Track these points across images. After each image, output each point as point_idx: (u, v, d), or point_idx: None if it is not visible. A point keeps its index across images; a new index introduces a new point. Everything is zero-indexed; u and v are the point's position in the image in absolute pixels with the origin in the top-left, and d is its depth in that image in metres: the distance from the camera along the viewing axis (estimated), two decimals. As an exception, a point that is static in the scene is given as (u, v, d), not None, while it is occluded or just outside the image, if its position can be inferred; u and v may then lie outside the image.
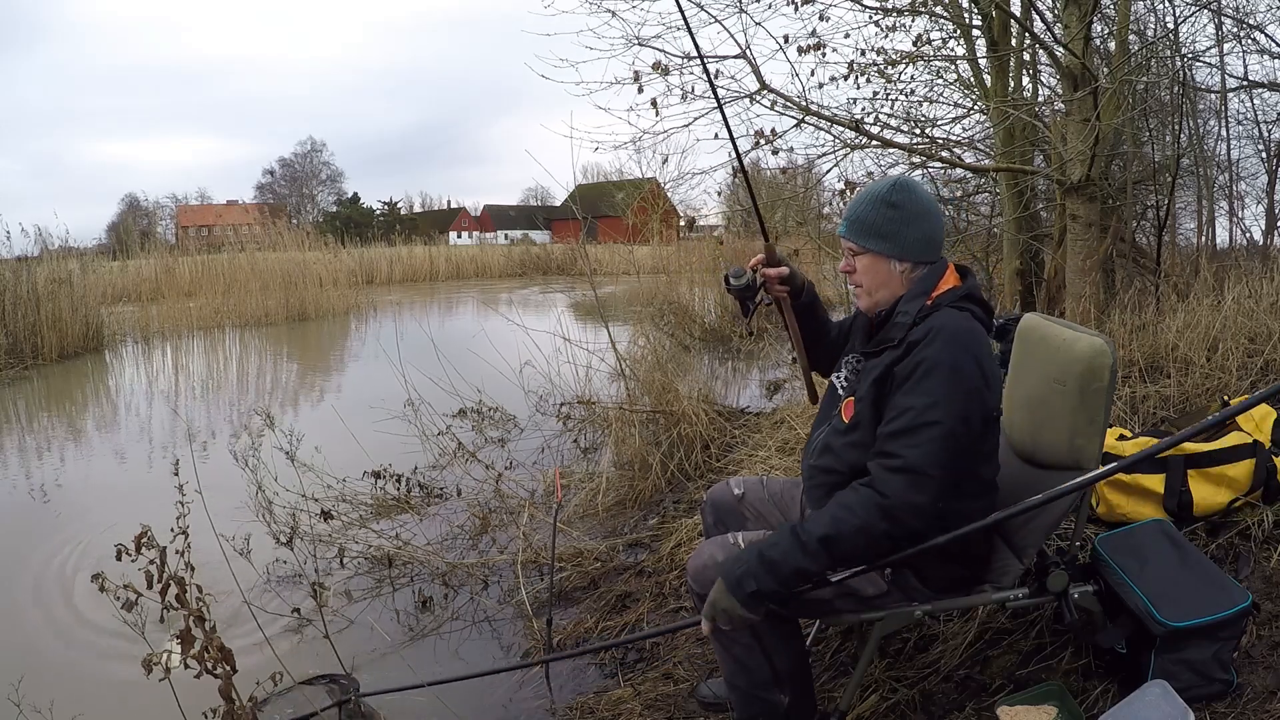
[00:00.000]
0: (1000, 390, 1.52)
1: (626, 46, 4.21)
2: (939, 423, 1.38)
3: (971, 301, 1.54)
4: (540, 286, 18.42)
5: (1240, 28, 6.04)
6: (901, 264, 1.56)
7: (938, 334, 1.44)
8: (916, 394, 1.41)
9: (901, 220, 1.53)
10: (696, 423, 4.01)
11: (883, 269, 1.56)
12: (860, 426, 1.52)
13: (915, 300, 1.54)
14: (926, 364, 1.42)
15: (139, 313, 11.73)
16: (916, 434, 1.39)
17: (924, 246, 1.56)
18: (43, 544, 3.55)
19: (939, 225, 1.58)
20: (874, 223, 1.55)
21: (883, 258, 1.56)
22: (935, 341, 1.43)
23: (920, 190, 1.57)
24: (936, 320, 1.47)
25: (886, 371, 1.49)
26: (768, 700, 1.58)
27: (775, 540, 1.44)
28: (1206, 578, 1.67)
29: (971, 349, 1.44)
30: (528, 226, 46.62)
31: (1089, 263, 4.11)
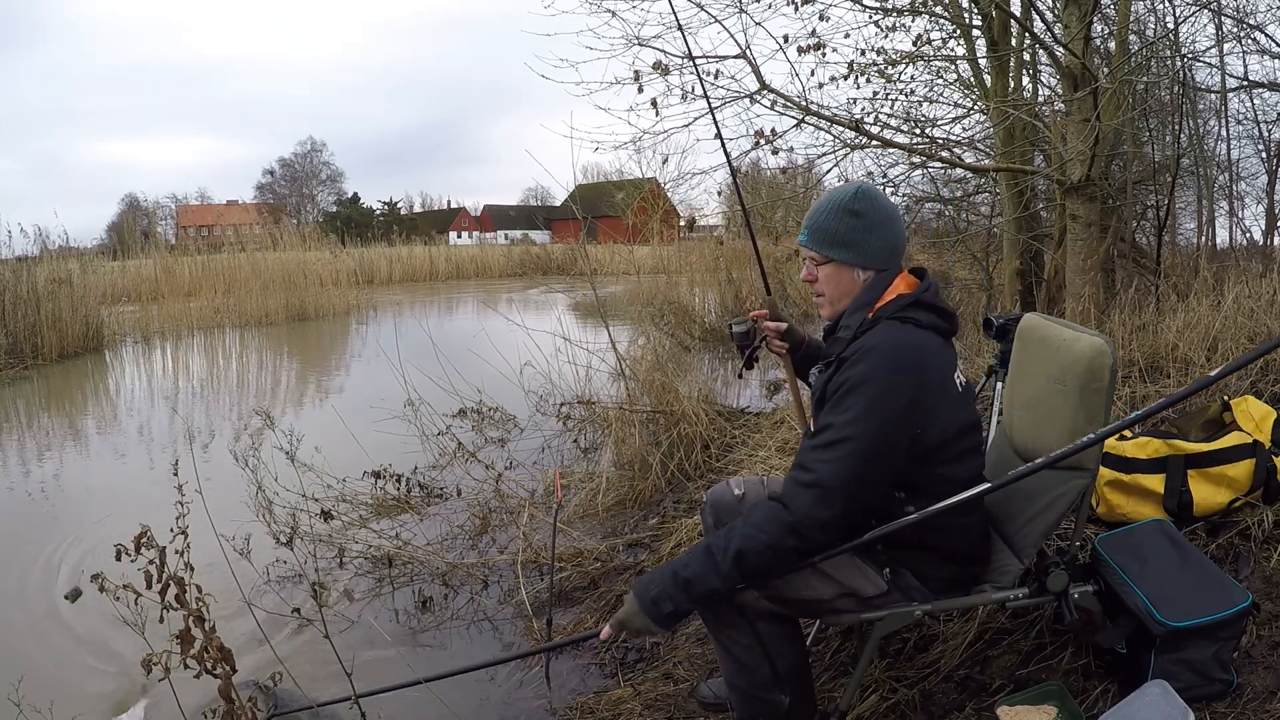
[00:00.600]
0: (953, 395, 1.49)
1: (626, 46, 4.21)
2: (853, 439, 1.38)
3: (921, 308, 1.51)
4: (540, 287, 18.42)
5: (1240, 28, 6.04)
6: (865, 272, 1.55)
7: (867, 352, 1.44)
8: (838, 411, 1.42)
9: (864, 229, 1.52)
10: (696, 423, 4.01)
11: (846, 278, 1.56)
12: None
13: (857, 313, 1.53)
14: (851, 381, 1.42)
15: (139, 313, 11.73)
16: (830, 450, 1.40)
17: (887, 254, 1.55)
18: (42, 544, 3.55)
19: (901, 232, 1.57)
20: (836, 231, 1.53)
21: (846, 266, 1.55)
22: (863, 360, 1.43)
23: (882, 198, 1.56)
24: (869, 338, 1.47)
25: (823, 387, 1.50)
26: (768, 700, 1.58)
27: (688, 560, 1.45)
28: (1206, 578, 1.67)
29: (901, 366, 1.42)
30: (528, 226, 46.65)
31: (1089, 263, 4.11)
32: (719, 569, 1.42)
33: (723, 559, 1.41)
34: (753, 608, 1.53)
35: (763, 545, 1.40)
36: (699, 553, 1.45)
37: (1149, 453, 2.14)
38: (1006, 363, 2.18)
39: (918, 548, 1.56)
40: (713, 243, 9.95)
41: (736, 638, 1.56)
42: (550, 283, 19.59)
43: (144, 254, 13.73)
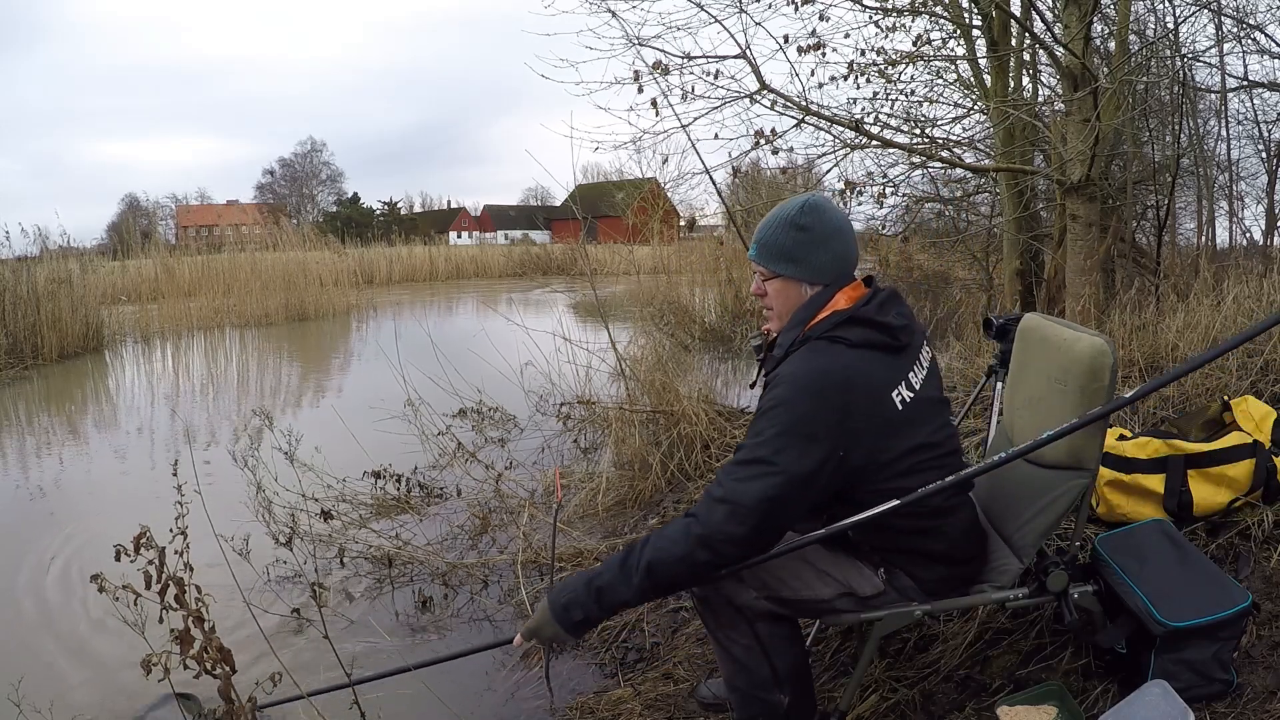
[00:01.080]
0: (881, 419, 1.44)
1: (626, 46, 4.22)
2: (765, 462, 1.37)
3: (855, 325, 1.46)
4: (540, 286, 18.43)
5: (1240, 28, 6.05)
6: (813, 287, 1.53)
7: (788, 375, 1.43)
8: (755, 431, 1.41)
9: (810, 243, 1.50)
10: (696, 423, 4.01)
11: (794, 293, 1.54)
12: None
13: (791, 332, 1.51)
14: (770, 402, 1.42)
15: (139, 313, 11.73)
16: (744, 468, 1.39)
17: (833, 268, 1.52)
18: (42, 544, 3.55)
19: (850, 245, 1.54)
20: (783, 246, 1.52)
21: (793, 281, 1.53)
22: (782, 383, 1.42)
23: (829, 210, 1.53)
24: (793, 361, 1.46)
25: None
26: (767, 701, 1.58)
27: (603, 569, 1.46)
28: (1206, 578, 1.67)
29: (819, 390, 1.39)
30: (528, 226, 46.65)
31: (1089, 263, 4.12)
32: (630, 580, 1.42)
33: (635, 571, 1.41)
34: (752, 608, 1.53)
35: (674, 558, 1.40)
36: (614, 563, 1.45)
37: (1149, 453, 2.14)
38: (1007, 363, 2.18)
39: (902, 550, 1.57)
40: (713, 243, 9.96)
41: (736, 638, 1.56)
42: (550, 283, 19.59)
43: (144, 254, 13.74)
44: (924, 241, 7.63)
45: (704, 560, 1.40)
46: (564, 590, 1.49)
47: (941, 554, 1.58)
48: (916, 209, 6.48)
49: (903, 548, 1.56)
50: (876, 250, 8.17)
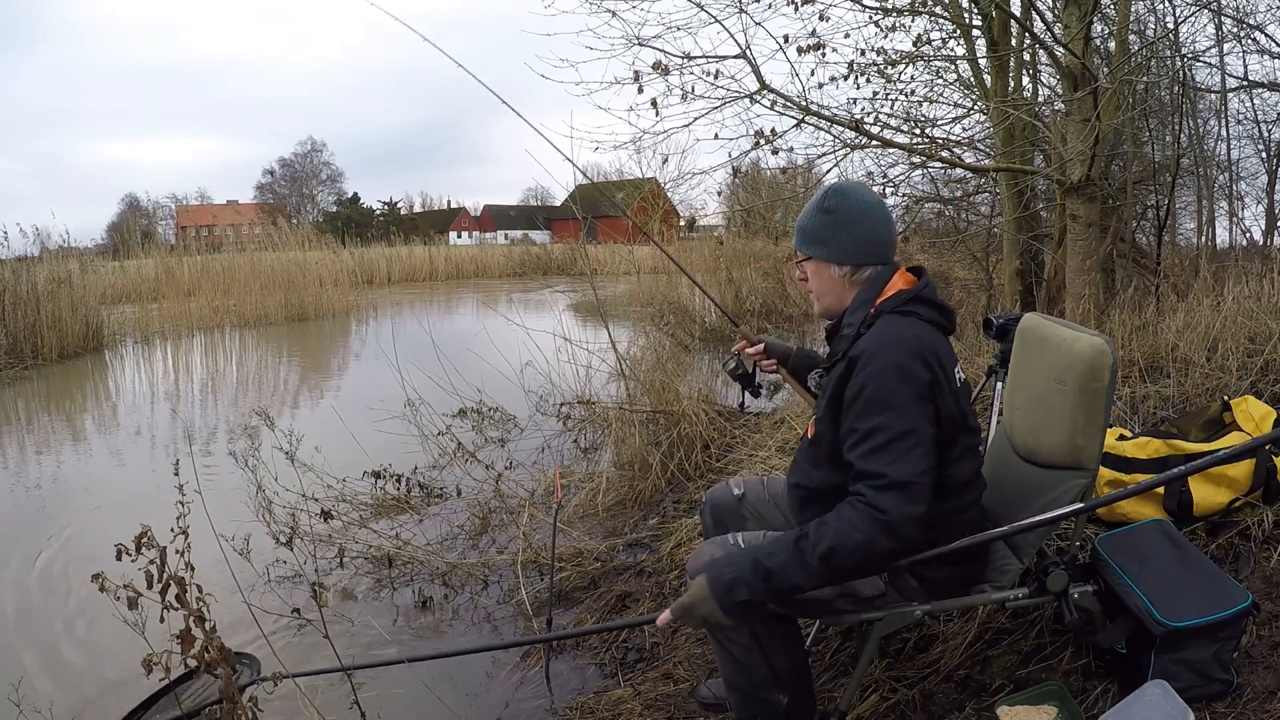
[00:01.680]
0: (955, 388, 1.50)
1: (626, 46, 4.21)
2: (909, 431, 1.38)
3: (921, 303, 1.52)
4: (541, 286, 18.42)
5: (1240, 28, 6.04)
6: (841, 268, 1.57)
7: (878, 349, 1.43)
8: (878, 411, 1.39)
9: (836, 225, 1.56)
10: (696, 423, 4.01)
11: (825, 274, 1.59)
12: (822, 442, 1.54)
13: (859, 310, 1.54)
14: (875, 379, 1.41)
15: (139, 313, 11.73)
16: (892, 447, 1.37)
17: (862, 249, 1.56)
18: (42, 544, 3.55)
19: (879, 226, 1.57)
20: (812, 230, 1.59)
21: (823, 263, 1.59)
22: (877, 356, 1.42)
23: (856, 194, 1.58)
24: (875, 334, 1.47)
25: (837, 389, 1.49)
26: (767, 701, 1.58)
27: (773, 550, 1.41)
28: (1206, 578, 1.67)
29: (913, 354, 1.42)
30: (528, 226, 46.66)
31: (1089, 263, 4.11)
32: (805, 564, 1.37)
33: (811, 555, 1.36)
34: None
35: (857, 544, 1.35)
36: (786, 544, 1.40)
37: (1149, 453, 2.14)
38: (1006, 363, 2.18)
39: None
40: (713, 243, 9.97)
41: (735, 638, 1.56)
42: (550, 283, 19.59)
43: (144, 254, 13.74)
44: (924, 241, 7.63)
45: (886, 549, 1.36)
46: (726, 568, 1.42)
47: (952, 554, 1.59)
48: (916, 209, 6.48)
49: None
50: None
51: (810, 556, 1.37)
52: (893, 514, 1.34)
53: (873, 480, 1.37)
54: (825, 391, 1.54)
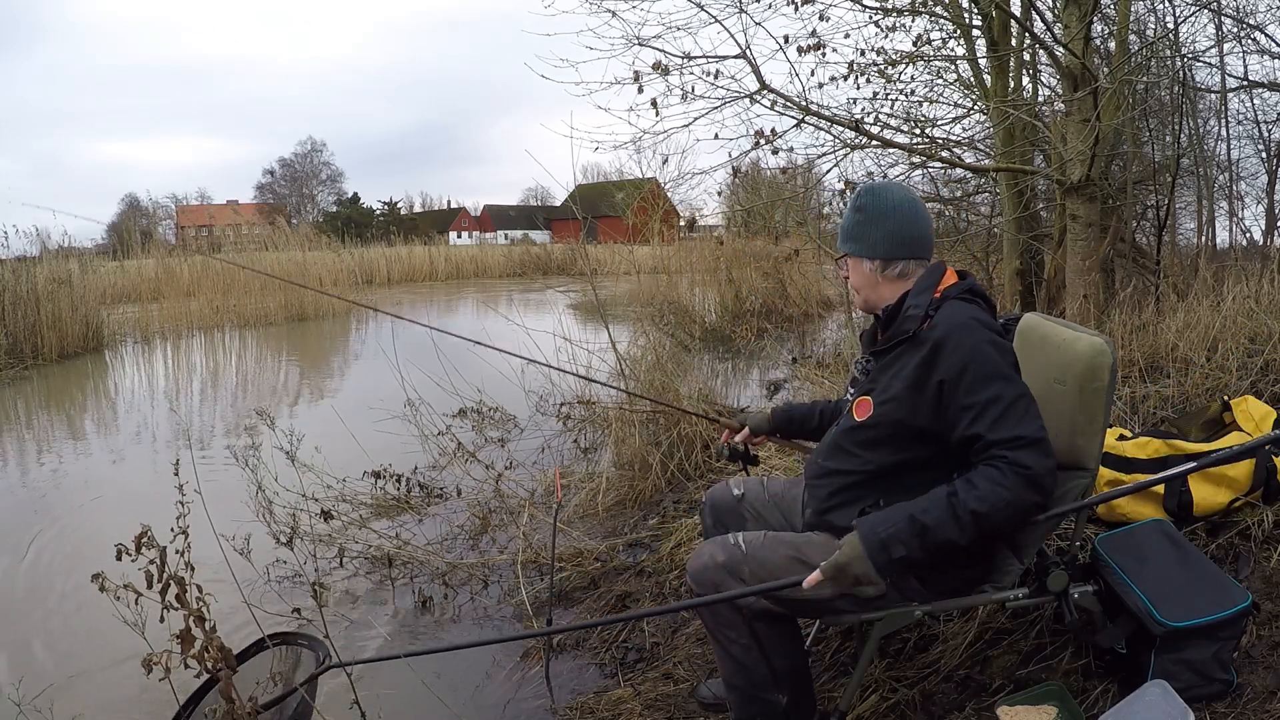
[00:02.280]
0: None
1: (626, 46, 4.21)
2: (1022, 395, 1.42)
3: (977, 295, 1.58)
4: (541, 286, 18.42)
5: (1240, 28, 6.04)
6: (871, 263, 1.62)
7: (962, 328, 1.46)
8: (989, 383, 1.41)
9: (865, 222, 1.62)
10: (696, 423, 4.01)
11: (859, 270, 1.65)
12: (884, 423, 1.53)
13: (923, 294, 1.57)
14: (975, 355, 1.43)
15: (139, 313, 11.73)
16: (1013, 411, 1.40)
17: (890, 244, 1.60)
18: (43, 544, 3.55)
19: (909, 222, 1.60)
20: (847, 229, 1.66)
21: (856, 259, 1.65)
22: (966, 334, 1.45)
23: (888, 192, 1.63)
24: (949, 315, 1.49)
25: (920, 374, 1.48)
26: (766, 700, 1.58)
27: (927, 506, 1.41)
28: (1206, 578, 1.67)
29: (995, 331, 1.50)
30: (528, 226, 46.64)
31: (1089, 263, 4.11)
32: (959, 519, 1.37)
33: (963, 512, 1.37)
34: (750, 607, 1.53)
35: (1007, 502, 1.36)
36: (939, 498, 1.40)
37: (1149, 453, 2.14)
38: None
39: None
40: (713, 243, 9.97)
41: (735, 637, 1.56)
42: (550, 283, 19.58)
43: (144, 254, 13.74)
44: (924, 241, 7.61)
45: (1034, 502, 1.38)
46: (880, 524, 1.41)
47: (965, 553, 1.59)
48: (916, 209, 6.45)
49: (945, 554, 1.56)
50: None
51: (963, 513, 1.37)
52: (1035, 468, 1.37)
53: (1009, 444, 1.38)
54: (895, 375, 1.53)
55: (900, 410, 1.50)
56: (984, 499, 1.36)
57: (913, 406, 1.49)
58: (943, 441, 1.48)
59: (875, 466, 1.54)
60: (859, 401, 1.59)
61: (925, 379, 1.47)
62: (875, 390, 1.56)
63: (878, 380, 1.57)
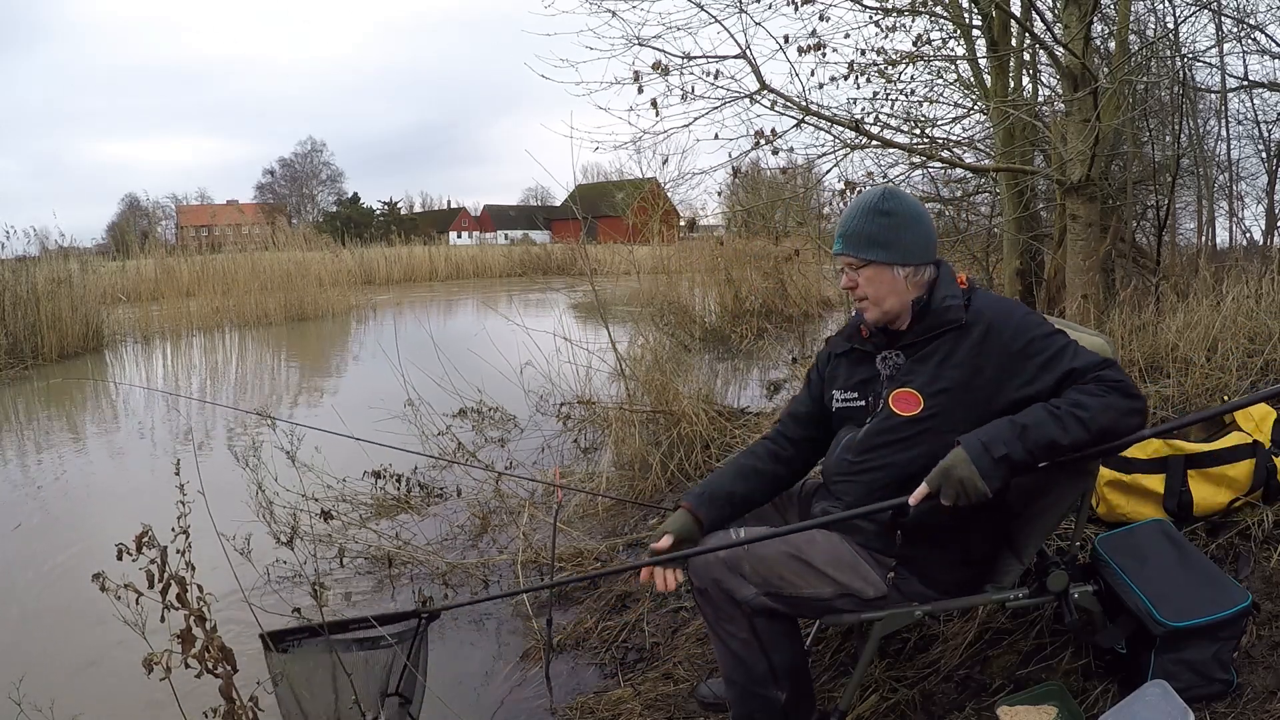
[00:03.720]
0: None
1: (626, 46, 4.21)
2: (1071, 340, 1.50)
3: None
4: (541, 286, 18.42)
5: (1240, 28, 6.04)
6: (904, 269, 1.59)
7: (1006, 306, 1.57)
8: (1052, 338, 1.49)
9: (897, 226, 1.58)
10: (696, 423, 4.01)
11: (886, 277, 1.59)
12: (939, 413, 1.53)
13: (950, 285, 1.60)
14: (1026, 324, 1.51)
15: (139, 313, 11.73)
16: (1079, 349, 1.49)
17: (923, 249, 1.60)
18: (42, 543, 3.55)
19: (932, 227, 1.64)
20: (871, 234, 1.58)
21: (885, 266, 1.59)
22: (1012, 309, 1.55)
23: (908, 196, 1.64)
24: (989, 301, 1.58)
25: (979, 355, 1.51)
26: (765, 697, 1.58)
27: (1025, 412, 1.43)
28: (1206, 578, 1.67)
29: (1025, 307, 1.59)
30: (528, 226, 46.64)
31: (1089, 263, 4.11)
32: (1059, 418, 1.39)
33: (1065, 414, 1.40)
34: (750, 604, 1.53)
35: (1101, 404, 1.40)
36: (1035, 407, 1.43)
37: (1149, 453, 2.14)
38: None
39: (934, 545, 1.56)
40: (713, 243, 9.97)
41: (734, 632, 1.56)
42: (550, 283, 19.58)
43: (144, 254, 13.75)
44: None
45: (1126, 407, 1.41)
46: (980, 433, 1.42)
47: (970, 552, 1.60)
48: (916, 209, 6.45)
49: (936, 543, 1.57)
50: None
51: (1064, 415, 1.40)
52: (1124, 380, 1.43)
53: (1094, 368, 1.45)
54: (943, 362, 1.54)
55: (958, 396, 1.52)
56: (1083, 404, 1.40)
57: (971, 391, 1.51)
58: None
59: (920, 466, 1.48)
60: (898, 395, 1.57)
61: (984, 359, 1.51)
62: (917, 382, 1.56)
63: (916, 373, 1.57)
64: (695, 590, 1.61)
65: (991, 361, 1.50)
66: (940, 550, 1.58)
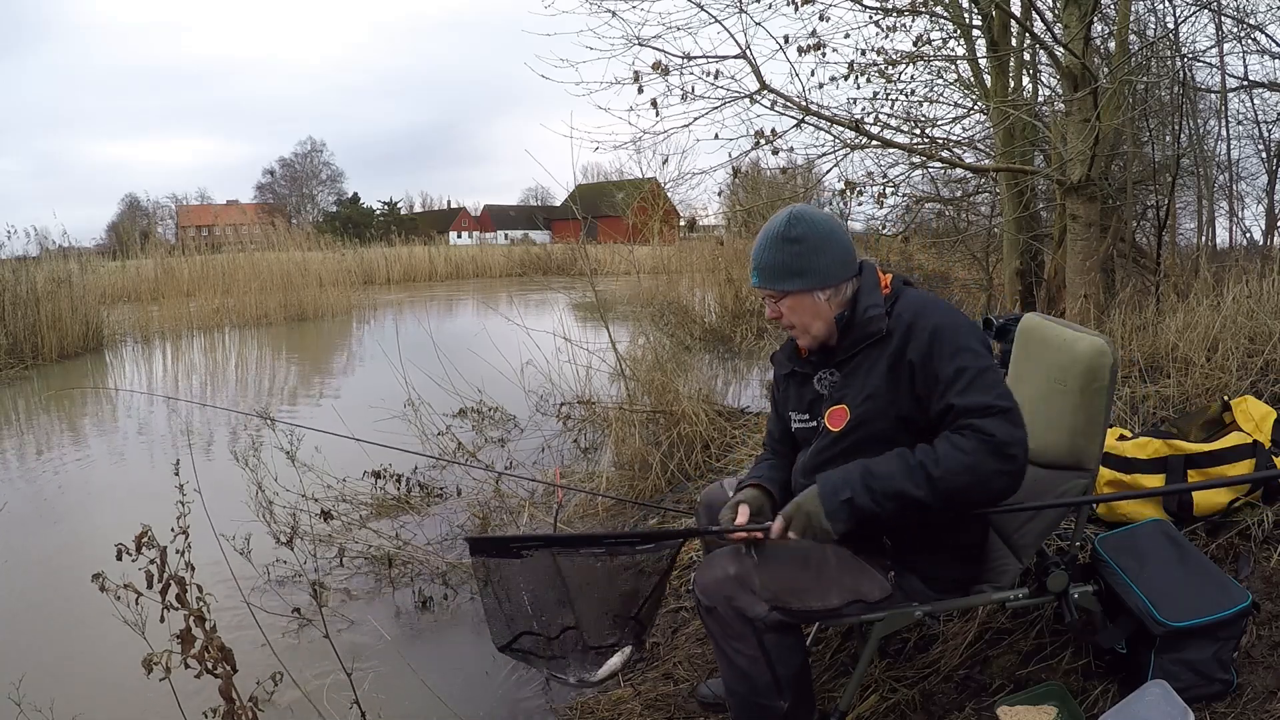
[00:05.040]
0: None
1: (626, 46, 4.21)
2: (988, 366, 1.43)
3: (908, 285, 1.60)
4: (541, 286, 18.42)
5: (1240, 28, 6.04)
6: (824, 291, 1.54)
7: (924, 310, 1.49)
8: (956, 355, 1.42)
9: (809, 251, 1.52)
10: (696, 423, 4.01)
11: (808, 304, 1.55)
12: (865, 423, 1.51)
13: (872, 294, 1.55)
14: (942, 332, 1.45)
15: (139, 313, 11.73)
16: (982, 381, 1.40)
17: (840, 267, 1.55)
18: (42, 543, 3.55)
19: (847, 241, 1.57)
20: (784, 264, 1.53)
21: (804, 293, 1.54)
22: (929, 314, 1.48)
23: (815, 216, 1.55)
24: (910, 306, 1.51)
25: (895, 362, 1.48)
26: (767, 707, 1.56)
27: (880, 460, 1.43)
28: (1206, 578, 1.67)
29: (951, 307, 1.53)
30: (528, 226, 46.64)
31: (1089, 263, 4.11)
32: (911, 472, 1.38)
33: (916, 467, 1.38)
34: (764, 620, 1.51)
35: (963, 464, 1.35)
36: (894, 453, 1.43)
37: (1149, 453, 2.14)
38: (1006, 363, 2.18)
39: (928, 546, 1.56)
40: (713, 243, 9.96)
41: (741, 649, 1.53)
42: (550, 283, 19.57)
43: (143, 254, 13.75)
44: (924, 241, 7.63)
45: (993, 469, 1.36)
46: (834, 474, 1.44)
47: (963, 548, 1.60)
48: (916, 209, 6.48)
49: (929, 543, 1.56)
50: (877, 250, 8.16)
51: (915, 467, 1.39)
52: (999, 435, 1.36)
53: (976, 413, 1.38)
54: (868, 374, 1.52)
55: (880, 403, 1.50)
56: (940, 460, 1.37)
57: (892, 398, 1.49)
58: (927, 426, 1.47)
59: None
60: (832, 412, 1.56)
61: (900, 365, 1.48)
62: (848, 397, 1.54)
63: (848, 387, 1.55)
64: (702, 608, 1.57)
65: (906, 372, 1.47)
66: (931, 551, 1.58)
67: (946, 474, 1.36)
